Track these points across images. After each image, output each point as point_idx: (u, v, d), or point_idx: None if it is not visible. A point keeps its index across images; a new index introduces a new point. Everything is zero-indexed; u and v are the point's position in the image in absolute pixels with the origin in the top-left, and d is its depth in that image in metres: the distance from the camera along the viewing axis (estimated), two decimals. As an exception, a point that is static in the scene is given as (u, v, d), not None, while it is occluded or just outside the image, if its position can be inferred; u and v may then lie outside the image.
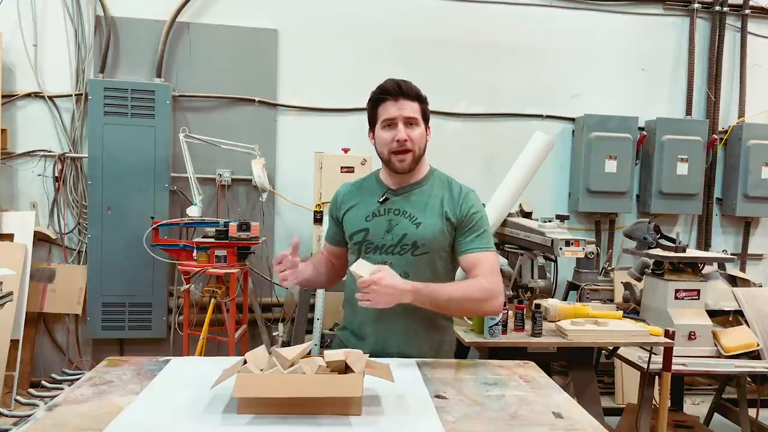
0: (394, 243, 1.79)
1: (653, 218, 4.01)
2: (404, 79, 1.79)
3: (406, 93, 1.76)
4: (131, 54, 3.93)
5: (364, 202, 1.86)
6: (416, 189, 1.84)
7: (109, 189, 3.77)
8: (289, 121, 4.12)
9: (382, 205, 1.83)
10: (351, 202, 1.88)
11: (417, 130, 1.77)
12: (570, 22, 4.33)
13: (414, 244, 1.78)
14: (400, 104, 1.75)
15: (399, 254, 1.79)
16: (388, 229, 1.80)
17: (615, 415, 3.43)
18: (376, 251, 1.80)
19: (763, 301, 3.10)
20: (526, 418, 1.34)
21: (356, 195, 1.89)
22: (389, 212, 1.82)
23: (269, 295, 4.14)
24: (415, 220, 1.80)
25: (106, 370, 1.58)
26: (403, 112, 1.75)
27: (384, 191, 1.85)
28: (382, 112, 1.77)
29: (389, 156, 1.79)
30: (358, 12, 4.12)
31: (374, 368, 1.40)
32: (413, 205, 1.82)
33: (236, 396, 1.27)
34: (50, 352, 3.95)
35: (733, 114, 4.56)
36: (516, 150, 3.15)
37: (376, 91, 1.80)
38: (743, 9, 4.45)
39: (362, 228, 1.82)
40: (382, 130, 1.78)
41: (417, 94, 1.79)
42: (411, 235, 1.78)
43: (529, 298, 2.86)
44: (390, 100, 1.76)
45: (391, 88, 1.76)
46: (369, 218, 1.82)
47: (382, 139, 1.78)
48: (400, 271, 1.75)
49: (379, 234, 1.80)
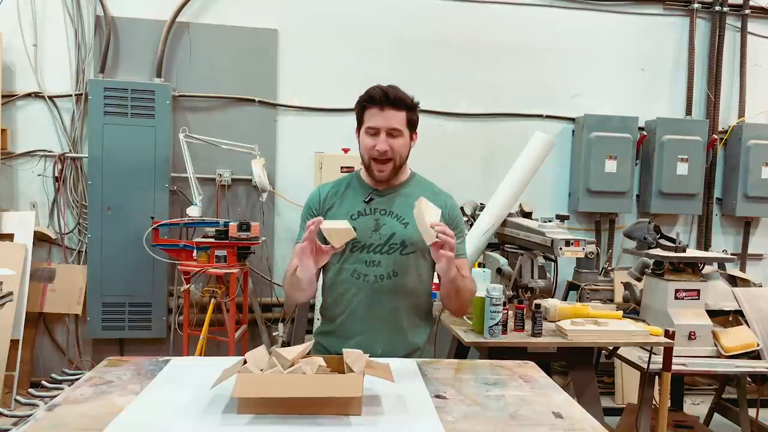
0: (382, 242, 1.79)
1: (653, 218, 4.01)
2: (392, 86, 1.77)
3: (393, 102, 1.74)
4: (131, 54, 3.93)
5: (348, 201, 1.85)
6: (401, 190, 1.86)
7: (109, 189, 3.77)
8: (289, 121, 4.12)
9: (368, 205, 1.83)
10: (333, 200, 1.87)
11: (400, 140, 1.77)
12: (570, 22, 4.33)
13: (402, 243, 1.79)
14: (385, 114, 1.74)
15: (387, 253, 1.79)
16: (375, 228, 1.80)
17: (615, 415, 3.43)
18: (363, 250, 1.80)
19: (763, 301, 3.10)
20: (526, 418, 1.34)
21: (337, 194, 1.88)
22: (375, 212, 1.82)
23: (269, 295, 4.14)
24: (402, 219, 1.81)
25: (106, 370, 1.58)
26: (387, 122, 1.74)
27: (368, 191, 1.85)
28: (367, 118, 1.77)
29: (369, 162, 1.80)
30: (358, 12, 4.12)
31: (374, 368, 1.40)
32: (398, 205, 1.83)
33: (236, 396, 1.26)
34: (50, 352, 3.95)
35: (733, 114, 4.56)
36: (516, 150, 3.15)
37: (363, 97, 1.79)
38: (743, 9, 4.45)
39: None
40: (366, 135, 1.79)
41: (404, 103, 1.76)
42: (399, 234, 1.79)
43: (529, 298, 2.86)
44: (375, 108, 1.75)
45: (377, 96, 1.74)
46: (354, 217, 1.81)
47: (365, 144, 1.79)
48: (389, 270, 1.78)
49: (367, 233, 1.80)
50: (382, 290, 1.79)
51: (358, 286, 1.80)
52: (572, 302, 3.10)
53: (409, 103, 1.78)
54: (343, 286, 1.82)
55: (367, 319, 1.80)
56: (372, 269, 1.79)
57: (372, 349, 1.63)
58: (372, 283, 1.79)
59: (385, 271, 1.79)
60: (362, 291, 1.80)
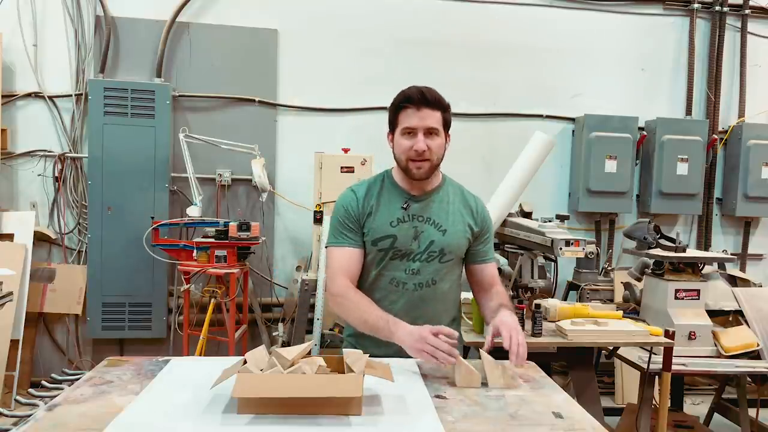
0: (422, 250, 1.79)
1: (653, 218, 4.00)
2: (428, 87, 1.76)
3: (430, 102, 1.73)
4: (131, 54, 3.93)
5: (386, 207, 1.81)
6: (435, 195, 1.84)
7: (109, 189, 3.77)
8: (289, 121, 4.12)
9: (406, 212, 1.80)
10: (370, 205, 1.82)
11: (437, 140, 1.76)
12: (570, 22, 4.33)
13: (441, 251, 1.79)
14: (422, 114, 1.72)
15: (427, 261, 1.79)
16: (415, 236, 1.79)
17: (615, 415, 3.43)
18: (403, 258, 1.79)
19: (763, 301, 3.10)
20: (526, 418, 1.34)
21: (373, 199, 1.83)
22: (413, 219, 1.80)
23: (269, 295, 4.14)
24: (440, 227, 1.80)
25: (106, 370, 1.58)
26: (424, 122, 1.73)
27: (405, 197, 1.82)
28: (404, 119, 1.75)
29: (407, 163, 1.77)
30: (357, 12, 4.12)
31: (374, 368, 1.40)
32: (435, 212, 1.82)
33: (236, 396, 1.27)
34: (50, 352, 3.95)
35: (733, 114, 4.56)
36: (516, 150, 3.15)
37: (398, 98, 1.77)
38: (743, 9, 4.45)
39: (389, 234, 1.78)
40: (402, 137, 1.76)
41: (440, 103, 1.75)
42: (438, 242, 1.79)
43: (529, 298, 2.86)
44: (412, 108, 1.73)
45: (415, 96, 1.73)
46: (394, 224, 1.79)
47: (401, 146, 1.76)
48: (429, 278, 1.78)
49: (407, 241, 1.78)
50: (422, 299, 1.79)
51: (398, 294, 1.80)
52: (572, 302, 3.10)
53: (445, 103, 1.78)
54: (381, 293, 1.81)
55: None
56: (412, 278, 1.79)
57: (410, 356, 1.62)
58: (412, 291, 1.79)
59: (424, 279, 1.79)
60: (402, 298, 1.79)
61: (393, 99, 1.79)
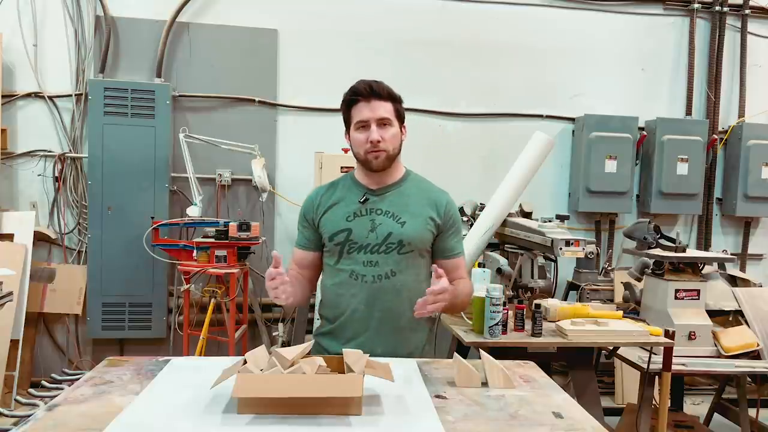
0: (379, 242, 1.79)
1: (653, 218, 4.01)
2: (376, 80, 1.80)
3: (378, 93, 1.76)
4: (131, 54, 3.93)
5: (343, 203, 1.85)
6: (395, 189, 1.86)
7: (109, 189, 3.77)
8: (289, 121, 4.12)
9: (363, 206, 1.82)
10: (328, 203, 1.86)
11: (390, 130, 1.78)
12: (570, 22, 4.33)
13: (400, 243, 1.79)
14: (372, 105, 1.76)
15: (385, 253, 1.79)
16: (372, 228, 1.80)
17: (615, 415, 3.43)
18: (360, 251, 1.80)
19: (763, 301, 3.10)
20: (526, 418, 1.34)
21: (332, 196, 1.87)
22: (371, 212, 1.82)
23: (269, 295, 4.13)
24: (399, 219, 1.81)
25: (106, 370, 1.58)
26: (375, 113, 1.76)
27: (363, 191, 1.85)
28: (356, 114, 1.79)
29: (365, 156, 1.79)
30: (358, 12, 4.12)
31: (374, 368, 1.40)
32: (394, 204, 1.83)
33: (236, 396, 1.26)
34: (50, 352, 3.95)
35: (733, 114, 4.55)
36: (516, 150, 3.15)
37: (348, 93, 1.81)
38: (743, 9, 4.45)
39: (343, 228, 1.81)
40: (356, 132, 1.80)
41: (389, 94, 1.79)
42: (396, 233, 1.79)
43: (529, 298, 2.86)
44: (362, 101, 1.77)
45: (363, 89, 1.77)
46: (350, 218, 1.81)
47: (357, 140, 1.80)
48: (387, 269, 1.78)
49: (363, 234, 1.80)
50: (381, 290, 1.79)
51: (358, 287, 1.80)
52: (572, 302, 3.10)
53: (395, 95, 1.81)
54: (342, 287, 1.82)
55: (366, 319, 1.80)
56: (370, 269, 1.79)
57: (372, 349, 1.63)
58: (371, 283, 1.79)
59: (383, 270, 1.79)
60: (362, 291, 1.80)
61: (342, 96, 1.82)
